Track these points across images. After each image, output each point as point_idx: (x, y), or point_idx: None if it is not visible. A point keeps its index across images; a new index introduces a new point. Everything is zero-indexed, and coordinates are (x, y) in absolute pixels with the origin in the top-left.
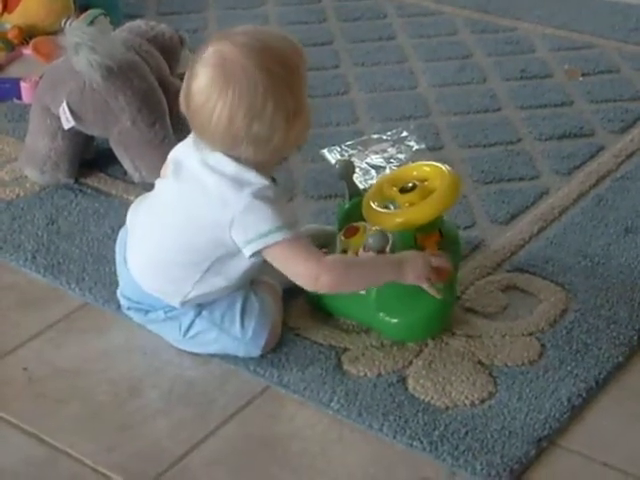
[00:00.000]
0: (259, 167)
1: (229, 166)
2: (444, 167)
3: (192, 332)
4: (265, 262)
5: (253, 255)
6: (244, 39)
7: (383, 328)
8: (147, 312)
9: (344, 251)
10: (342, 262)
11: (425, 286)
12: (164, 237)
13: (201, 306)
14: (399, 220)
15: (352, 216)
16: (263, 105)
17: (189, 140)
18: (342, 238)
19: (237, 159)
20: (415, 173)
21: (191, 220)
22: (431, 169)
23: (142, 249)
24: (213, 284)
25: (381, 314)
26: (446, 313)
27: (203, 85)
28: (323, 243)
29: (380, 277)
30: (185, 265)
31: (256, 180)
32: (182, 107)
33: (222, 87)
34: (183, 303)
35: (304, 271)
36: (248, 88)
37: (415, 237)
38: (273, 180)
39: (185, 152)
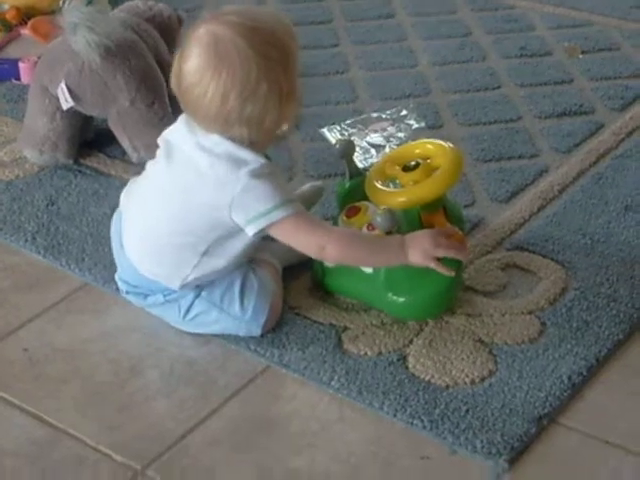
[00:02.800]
0: (253, 146)
1: (223, 146)
2: (447, 144)
3: (192, 314)
4: (263, 240)
5: (257, 233)
6: (237, 19)
7: (391, 307)
8: (146, 296)
9: None
10: (350, 235)
11: (433, 265)
12: (160, 221)
13: (200, 287)
14: (403, 199)
15: (353, 196)
16: (257, 85)
17: (180, 121)
18: (344, 218)
19: (231, 139)
20: (418, 151)
21: (187, 203)
22: (434, 147)
23: (139, 234)
24: (213, 265)
25: (390, 293)
26: (455, 291)
27: (195, 65)
28: (311, 200)
29: (386, 256)
30: (183, 248)
31: (252, 159)
32: (173, 87)
33: (215, 67)
34: (183, 286)
35: (310, 242)
36: (242, 68)
37: (420, 215)
38: (267, 158)
39: (176, 134)
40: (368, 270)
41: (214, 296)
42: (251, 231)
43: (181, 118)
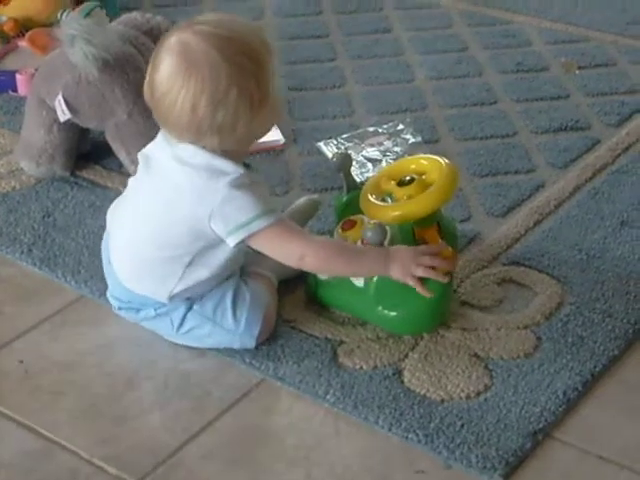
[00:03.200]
0: (228, 155)
1: (200, 157)
2: (442, 160)
3: (185, 328)
4: (258, 254)
5: (238, 244)
6: (208, 28)
7: (381, 321)
8: (138, 311)
9: None
10: (330, 245)
11: (412, 283)
12: (144, 236)
13: (192, 300)
14: (396, 213)
15: (350, 209)
16: (226, 92)
17: (159, 135)
18: (339, 231)
19: (205, 149)
20: (413, 166)
21: (168, 216)
22: (429, 162)
23: (124, 250)
24: (197, 277)
25: (380, 307)
26: (445, 305)
27: (166, 74)
28: (308, 214)
29: (365, 267)
30: (167, 261)
31: (231, 169)
32: (146, 97)
33: (184, 75)
34: (171, 298)
35: (290, 251)
36: (210, 75)
37: (413, 230)
38: (247, 166)
39: (154, 147)
40: (359, 283)
41: (206, 309)
42: (232, 242)
43: (160, 132)
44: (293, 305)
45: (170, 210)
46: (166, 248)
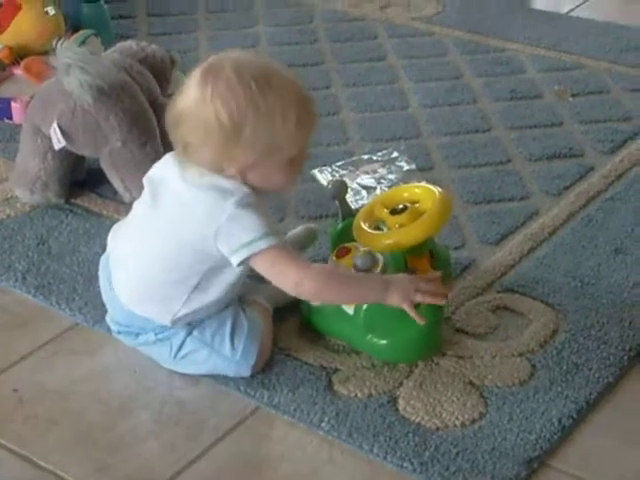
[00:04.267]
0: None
1: (207, 178)
2: (436, 189)
3: (183, 352)
4: (254, 282)
5: (241, 263)
6: (243, 64)
7: (371, 349)
8: (137, 335)
9: None
10: (328, 272)
11: (408, 309)
12: (151, 259)
13: (191, 326)
14: (388, 242)
15: (344, 237)
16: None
17: (165, 159)
18: (334, 258)
19: (217, 171)
20: (406, 195)
21: (175, 238)
22: (422, 191)
23: (128, 274)
24: (202, 300)
25: (369, 335)
26: (434, 336)
27: (187, 96)
28: (305, 243)
29: (364, 294)
30: (173, 284)
31: (236, 188)
32: (167, 122)
33: (204, 90)
34: (173, 322)
35: (288, 277)
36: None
37: (405, 259)
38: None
39: (161, 171)
40: (349, 311)
41: (205, 335)
42: (235, 261)
43: (167, 156)
44: (288, 333)
45: (178, 231)
46: (173, 271)
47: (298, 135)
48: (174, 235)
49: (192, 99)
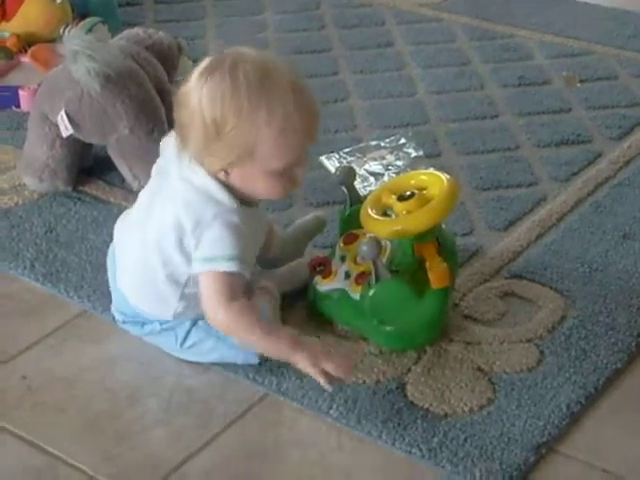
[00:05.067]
0: (233, 190)
1: (202, 178)
2: (444, 176)
3: (189, 342)
4: (262, 271)
5: (197, 274)
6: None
7: (378, 336)
8: (143, 325)
9: (342, 258)
10: (245, 315)
11: (315, 375)
12: (145, 253)
13: (197, 316)
14: (395, 228)
15: (353, 223)
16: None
17: (172, 147)
18: (341, 245)
19: (214, 177)
20: (413, 181)
21: (163, 228)
22: (430, 178)
23: (128, 268)
24: (195, 296)
25: (375, 321)
26: (439, 322)
27: (187, 83)
28: (313, 231)
29: (269, 348)
30: (166, 281)
31: (224, 199)
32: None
33: (201, 78)
34: (176, 316)
35: (211, 303)
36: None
37: (412, 245)
38: (249, 204)
39: (166, 163)
40: (355, 296)
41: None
42: (193, 269)
43: (173, 139)
44: (295, 319)
45: (165, 221)
46: (166, 266)
47: (283, 146)
48: (162, 226)
49: (188, 87)
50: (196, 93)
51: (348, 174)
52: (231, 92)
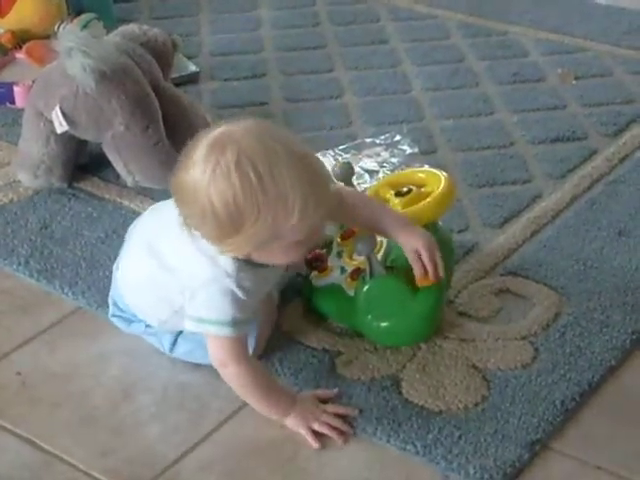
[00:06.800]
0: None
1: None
2: (441, 173)
3: (178, 351)
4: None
5: (190, 331)
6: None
7: (371, 332)
8: (130, 322)
9: (339, 253)
10: (252, 378)
11: (304, 434)
12: (148, 268)
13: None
14: None
15: None
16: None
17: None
18: (338, 240)
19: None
20: (414, 178)
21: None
22: (428, 175)
23: (128, 266)
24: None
25: (369, 317)
26: (434, 319)
27: (189, 174)
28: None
29: (265, 409)
30: (162, 297)
31: (227, 265)
32: (171, 189)
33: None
34: (160, 324)
35: (220, 355)
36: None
37: None
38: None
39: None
40: (350, 292)
41: (197, 334)
42: (186, 325)
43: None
44: (291, 316)
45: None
46: (161, 289)
47: (304, 226)
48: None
49: (192, 178)
50: (204, 191)
51: (346, 170)
52: (243, 192)
